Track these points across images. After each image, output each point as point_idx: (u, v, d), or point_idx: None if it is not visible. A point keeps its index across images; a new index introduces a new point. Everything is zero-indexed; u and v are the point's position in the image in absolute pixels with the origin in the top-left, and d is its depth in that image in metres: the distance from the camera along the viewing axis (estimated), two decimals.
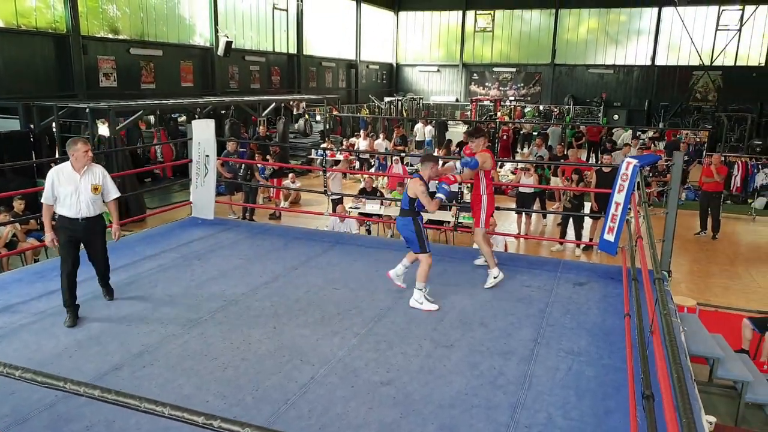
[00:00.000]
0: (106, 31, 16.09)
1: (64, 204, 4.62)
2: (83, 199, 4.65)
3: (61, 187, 4.60)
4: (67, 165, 4.69)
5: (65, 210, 4.63)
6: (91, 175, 4.73)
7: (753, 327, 6.39)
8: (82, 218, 4.64)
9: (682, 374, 1.72)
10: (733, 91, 26.44)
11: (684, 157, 12.19)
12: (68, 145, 4.70)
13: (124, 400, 1.66)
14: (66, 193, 4.60)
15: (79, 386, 1.68)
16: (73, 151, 4.67)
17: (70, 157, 4.69)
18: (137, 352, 4.16)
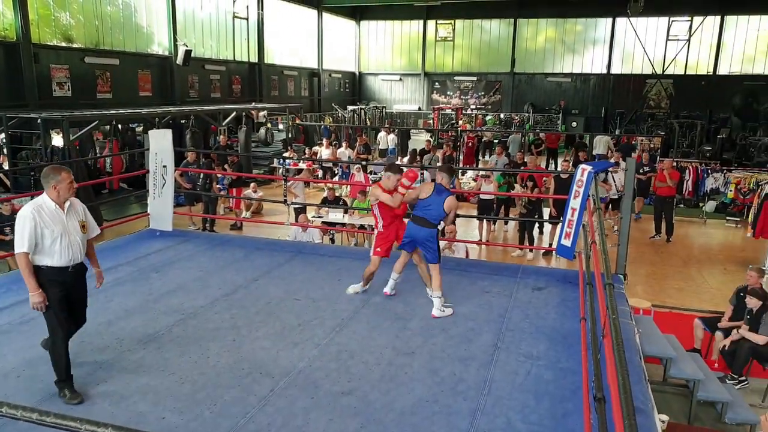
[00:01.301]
0: (59, 40, 15.70)
1: (50, 251, 3.69)
2: (73, 242, 3.78)
3: (46, 229, 3.66)
4: (47, 200, 3.75)
5: (53, 258, 3.70)
6: (74, 211, 3.89)
7: (704, 327, 6.60)
8: (72, 266, 3.79)
9: (628, 377, 1.77)
10: (684, 99, 27.41)
11: (643, 168, 12.42)
12: (47, 175, 3.73)
13: (63, 422, 1.61)
14: (53, 237, 3.68)
15: (15, 410, 1.62)
16: (56, 182, 3.72)
17: (49, 190, 3.73)
18: (90, 369, 4.04)
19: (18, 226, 3.66)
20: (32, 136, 12.32)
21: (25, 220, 3.64)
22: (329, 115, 27.36)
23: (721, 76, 27.48)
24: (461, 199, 13.43)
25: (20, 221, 3.66)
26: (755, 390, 6.02)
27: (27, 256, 3.64)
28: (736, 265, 10.01)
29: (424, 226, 5.18)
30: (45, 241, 3.67)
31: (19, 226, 3.65)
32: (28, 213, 3.66)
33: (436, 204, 5.21)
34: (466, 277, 6.13)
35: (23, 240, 3.62)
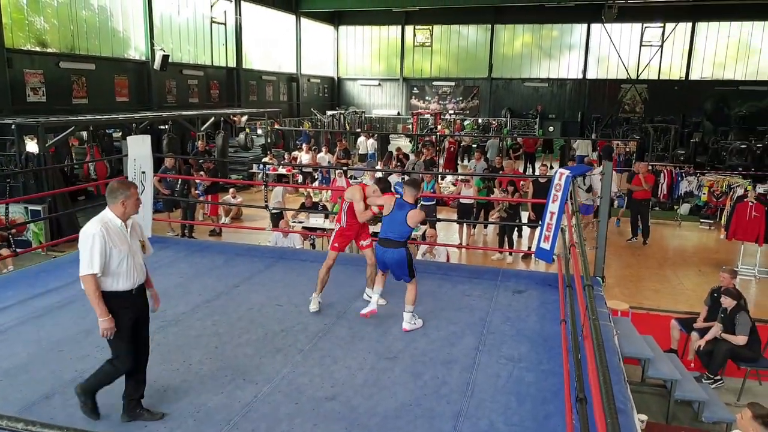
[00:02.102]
0: (34, 44, 15.46)
1: (116, 273, 3.43)
2: (137, 263, 3.54)
3: (114, 248, 3.40)
4: (113, 217, 3.49)
5: (118, 281, 3.44)
6: (134, 229, 3.64)
7: (680, 327, 6.73)
8: (135, 289, 3.56)
9: (608, 377, 1.81)
10: (657, 104, 27.96)
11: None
12: (115, 190, 3.47)
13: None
14: (120, 258, 3.42)
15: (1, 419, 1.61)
16: (125, 198, 3.48)
17: (116, 206, 3.48)
18: (70, 378, 3.98)
19: (85, 244, 3.34)
20: (6, 142, 12.09)
21: (94, 239, 3.33)
22: (308, 120, 27.31)
23: (693, 81, 28.16)
24: (441, 203, 13.51)
25: (87, 239, 3.34)
26: (730, 389, 6.15)
27: (95, 278, 3.35)
28: (710, 266, 10.22)
29: (391, 247, 4.90)
30: (112, 262, 3.40)
31: (86, 244, 3.34)
32: (97, 230, 3.36)
33: (398, 220, 4.89)
34: (447, 281, 6.18)
35: (93, 260, 3.32)
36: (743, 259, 10.03)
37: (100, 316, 3.39)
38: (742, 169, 16.28)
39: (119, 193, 3.47)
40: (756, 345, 6.11)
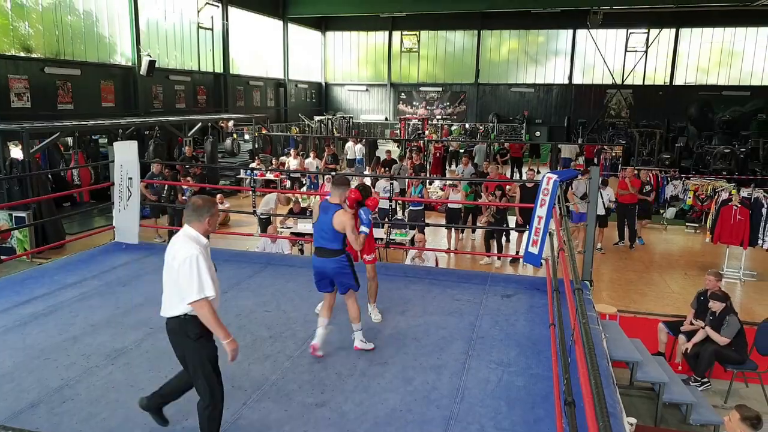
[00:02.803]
0: (18, 49, 15.30)
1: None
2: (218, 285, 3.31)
3: (210, 271, 3.21)
4: (198, 235, 3.27)
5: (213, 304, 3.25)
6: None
7: (668, 330, 6.78)
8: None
9: (600, 381, 1.82)
10: (643, 109, 28.30)
11: (645, 188, 12.05)
12: (200, 207, 3.27)
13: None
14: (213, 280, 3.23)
15: None
16: (210, 215, 3.30)
17: (201, 224, 3.27)
18: (56, 386, 3.94)
19: (191, 268, 3.11)
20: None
21: (198, 260, 3.12)
22: (296, 126, 27.27)
23: (678, 86, 28.51)
24: (429, 208, 13.52)
25: (193, 263, 3.12)
26: (717, 391, 6.21)
27: (209, 302, 3.16)
28: (696, 269, 10.32)
29: (327, 256, 4.48)
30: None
31: (193, 268, 3.11)
32: (197, 251, 3.14)
33: (325, 225, 4.45)
34: (436, 286, 6.19)
35: (203, 284, 3.12)
36: (728, 262, 10.15)
37: (225, 339, 3.22)
38: (726, 173, 16.49)
39: (204, 211, 3.28)
40: (742, 347, 6.17)
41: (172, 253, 3.23)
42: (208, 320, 3.17)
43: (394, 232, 10.08)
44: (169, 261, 3.25)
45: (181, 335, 3.23)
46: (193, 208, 3.29)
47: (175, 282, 3.18)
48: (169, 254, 3.27)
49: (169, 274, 3.25)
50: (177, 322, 3.23)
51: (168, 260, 3.27)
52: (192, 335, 3.21)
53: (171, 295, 3.24)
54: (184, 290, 3.13)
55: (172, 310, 3.23)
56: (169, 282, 3.25)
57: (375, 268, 5.34)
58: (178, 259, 3.16)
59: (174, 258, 3.20)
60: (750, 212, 9.64)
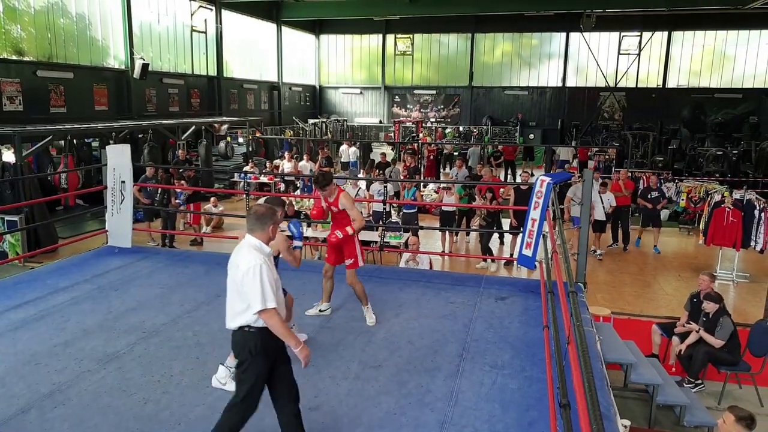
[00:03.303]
0: (10, 53, 15.23)
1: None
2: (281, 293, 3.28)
3: (272, 280, 3.18)
4: (261, 244, 3.23)
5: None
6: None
7: (661, 332, 6.79)
8: None
9: (593, 383, 1.82)
10: (636, 111, 28.40)
11: (651, 193, 11.57)
12: (263, 215, 3.23)
13: None
14: (276, 288, 3.20)
15: None
16: (273, 223, 3.26)
17: (264, 232, 3.23)
18: (47, 392, 3.91)
19: (255, 278, 3.08)
20: None
21: (261, 270, 3.09)
22: (290, 129, 27.24)
23: (670, 89, 28.66)
24: (422, 210, 13.52)
25: (257, 272, 3.08)
26: (711, 393, 6.22)
27: (277, 311, 3.13)
28: (689, 271, 10.35)
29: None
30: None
31: (257, 278, 3.08)
32: (261, 260, 3.12)
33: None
34: (430, 289, 6.18)
35: (267, 294, 3.08)
36: (721, 264, 10.18)
37: (296, 347, 3.21)
38: (718, 175, 16.57)
39: (267, 219, 3.23)
40: (736, 349, 6.19)
41: (235, 263, 3.19)
42: (277, 329, 3.12)
43: (388, 234, 10.07)
44: (232, 271, 3.21)
45: (243, 349, 3.17)
46: (256, 216, 3.24)
47: (238, 293, 3.16)
48: (232, 264, 3.23)
49: (232, 284, 3.22)
50: (240, 335, 3.18)
51: (231, 270, 3.23)
52: (253, 351, 3.15)
53: (233, 306, 3.20)
54: (248, 300, 3.10)
55: (234, 321, 3.19)
56: (232, 292, 3.21)
57: (355, 274, 5.18)
58: (242, 269, 3.11)
59: (237, 267, 3.16)
60: (742, 214, 9.68)
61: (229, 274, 3.23)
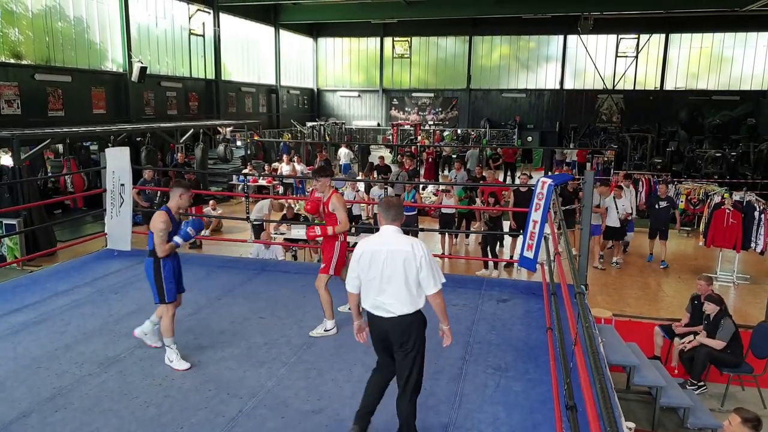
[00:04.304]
0: (8, 56, 15.18)
1: None
2: None
3: None
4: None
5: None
6: None
7: (663, 334, 6.78)
8: None
9: (605, 384, 1.80)
10: (634, 113, 28.46)
11: (660, 203, 10.81)
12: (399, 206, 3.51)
13: None
14: None
15: None
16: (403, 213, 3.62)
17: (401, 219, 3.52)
18: (48, 396, 3.88)
19: (429, 262, 3.31)
20: None
21: (430, 254, 3.36)
22: (288, 132, 27.22)
23: (668, 91, 28.72)
24: (422, 213, 13.50)
25: (428, 256, 3.33)
26: (714, 395, 6.21)
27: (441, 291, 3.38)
28: (689, 273, 10.34)
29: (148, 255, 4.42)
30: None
31: (433, 262, 3.34)
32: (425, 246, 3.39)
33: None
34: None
35: (439, 274, 3.36)
36: (722, 266, 10.17)
37: (447, 324, 3.50)
38: (717, 177, 16.58)
39: (402, 209, 3.52)
40: (738, 350, 6.18)
41: (390, 254, 3.31)
42: (442, 307, 3.39)
43: None
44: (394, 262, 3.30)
45: (414, 329, 3.33)
46: (394, 207, 3.46)
47: (407, 278, 3.28)
48: (384, 256, 3.32)
49: (399, 273, 3.29)
50: (413, 317, 3.32)
51: (394, 262, 3.30)
52: (422, 330, 3.36)
53: (403, 293, 3.30)
54: (425, 283, 3.28)
55: (408, 307, 3.30)
56: (400, 281, 3.29)
57: (323, 280, 4.98)
58: (417, 255, 3.27)
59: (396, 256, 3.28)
60: (742, 216, 9.68)
61: (386, 267, 3.31)
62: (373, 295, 3.37)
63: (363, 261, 3.37)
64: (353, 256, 3.47)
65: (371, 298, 3.38)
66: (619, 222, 10.54)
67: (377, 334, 3.43)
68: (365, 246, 3.42)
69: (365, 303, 3.44)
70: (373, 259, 3.34)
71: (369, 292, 3.39)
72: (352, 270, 3.45)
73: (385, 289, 3.32)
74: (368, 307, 3.42)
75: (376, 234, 3.47)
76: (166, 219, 4.27)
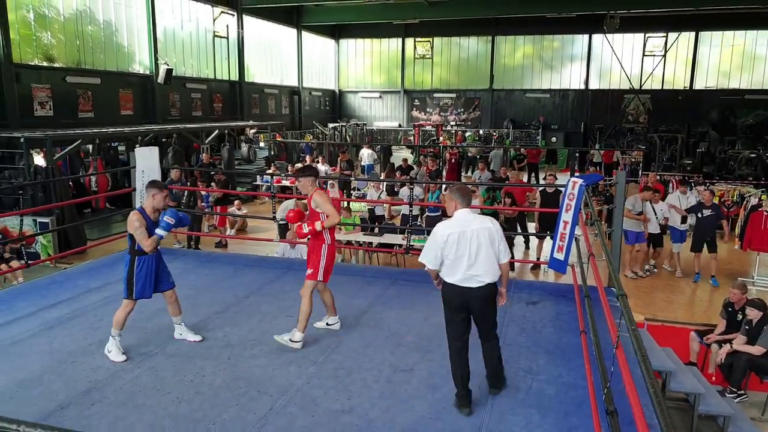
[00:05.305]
0: (41, 59, 15.50)
1: None
2: None
3: None
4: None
5: None
6: None
7: (699, 339, 6.59)
8: None
9: (659, 389, 1.74)
10: (661, 113, 27.91)
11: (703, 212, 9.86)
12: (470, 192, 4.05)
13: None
14: None
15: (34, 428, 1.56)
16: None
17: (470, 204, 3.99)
18: (84, 389, 3.93)
19: (503, 236, 3.92)
20: (14, 155, 12.10)
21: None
22: (310, 133, 27.35)
23: (698, 90, 28.05)
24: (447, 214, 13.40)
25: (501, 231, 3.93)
26: (754, 403, 6.01)
27: None
28: (724, 277, 9.99)
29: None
30: None
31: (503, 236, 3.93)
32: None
33: None
34: None
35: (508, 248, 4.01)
36: (759, 270, 9.81)
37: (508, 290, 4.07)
38: (752, 178, 16.16)
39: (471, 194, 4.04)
40: None
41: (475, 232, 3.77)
42: (508, 273, 4.01)
43: (413, 238, 9.99)
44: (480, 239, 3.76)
45: (493, 296, 3.85)
46: (468, 193, 4.00)
47: (492, 251, 3.80)
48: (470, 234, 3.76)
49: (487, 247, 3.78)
50: (494, 286, 3.83)
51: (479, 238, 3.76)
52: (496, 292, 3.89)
53: (489, 264, 3.79)
54: (501, 254, 3.86)
55: (493, 276, 3.81)
56: (487, 254, 3.78)
57: (309, 287, 4.75)
58: (493, 230, 3.83)
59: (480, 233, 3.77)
60: None
61: (477, 244, 3.75)
62: (463, 270, 3.74)
63: (451, 241, 3.74)
64: (438, 238, 3.76)
65: (461, 272, 3.75)
66: (659, 228, 10.11)
67: (460, 303, 3.78)
68: (451, 228, 3.77)
69: (453, 278, 3.77)
70: (461, 238, 3.74)
71: (458, 268, 3.75)
72: (435, 250, 3.78)
73: (474, 263, 3.74)
74: (457, 280, 3.75)
75: (456, 217, 3.84)
76: (139, 217, 4.47)
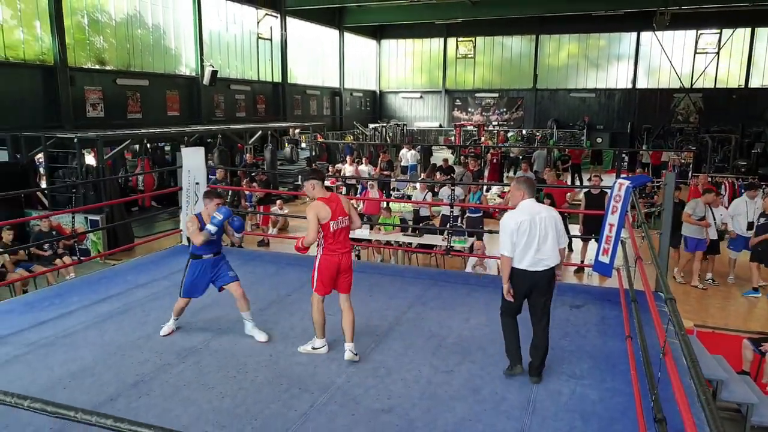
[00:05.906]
0: (93, 62, 16.07)
1: None
2: None
3: None
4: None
5: None
6: None
7: (753, 348, 6.34)
8: None
9: (710, 397, 1.68)
10: (713, 113, 26.88)
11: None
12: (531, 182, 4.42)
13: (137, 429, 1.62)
14: None
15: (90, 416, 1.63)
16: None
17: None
18: (132, 382, 4.06)
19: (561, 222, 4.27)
20: (68, 155, 12.59)
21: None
22: (351, 133, 27.51)
23: (753, 89, 26.83)
24: (487, 215, 13.27)
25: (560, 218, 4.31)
26: None
27: None
28: None
29: None
30: None
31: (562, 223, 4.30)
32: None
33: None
34: (499, 294, 6.02)
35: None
36: None
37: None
38: None
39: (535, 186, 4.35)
40: None
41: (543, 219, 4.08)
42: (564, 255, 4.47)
43: (453, 239, 9.93)
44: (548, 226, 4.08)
45: (554, 277, 4.17)
46: (533, 184, 4.36)
47: (555, 236, 4.10)
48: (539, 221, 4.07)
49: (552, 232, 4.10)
50: (554, 269, 4.15)
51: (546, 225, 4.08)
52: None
53: (555, 249, 4.12)
54: (561, 239, 4.17)
55: (556, 260, 4.14)
56: (553, 240, 4.10)
57: (320, 302, 4.55)
58: (557, 221, 4.16)
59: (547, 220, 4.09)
60: None
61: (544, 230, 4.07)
62: (531, 255, 4.03)
63: (523, 228, 4.02)
64: (509, 226, 4.03)
65: (530, 257, 4.03)
66: (716, 234, 9.54)
67: (527, 286, 4.10)
68: (522, 216, 4.06)
69: (522, 263, 4.04)
70: (532, 225, 4.03)
71: (528, 252, 4.03)
72: (510, 237, 4.03)
73: (541, 248, 4.04)
74: (526, 265, 4.04)
75: (523, 206, 4.12)
76: (193, 219, 4.87)
